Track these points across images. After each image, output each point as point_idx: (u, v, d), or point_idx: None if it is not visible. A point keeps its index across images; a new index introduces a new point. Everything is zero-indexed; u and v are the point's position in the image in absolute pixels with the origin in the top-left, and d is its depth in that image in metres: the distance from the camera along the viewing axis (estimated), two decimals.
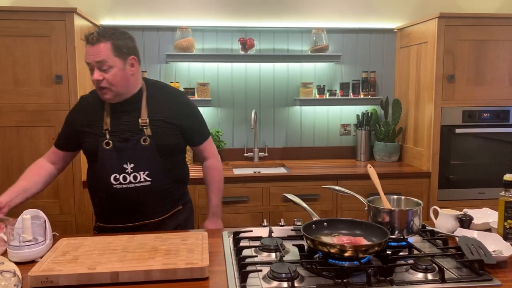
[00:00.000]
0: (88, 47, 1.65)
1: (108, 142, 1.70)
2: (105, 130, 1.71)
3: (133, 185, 1.70)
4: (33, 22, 2.54)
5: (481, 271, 1.26)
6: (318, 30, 3.24)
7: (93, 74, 1.66)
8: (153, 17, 3.20)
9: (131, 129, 1.72)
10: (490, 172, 2.95)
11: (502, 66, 2.91)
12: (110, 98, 1.71)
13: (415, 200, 1.57)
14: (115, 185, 1.69)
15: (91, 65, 1.66)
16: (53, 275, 1.20)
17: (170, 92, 1.86)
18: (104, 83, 1.66)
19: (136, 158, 1.70)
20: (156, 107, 1.76)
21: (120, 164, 1.69)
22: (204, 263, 1.28)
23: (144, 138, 1.71)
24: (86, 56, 1.66)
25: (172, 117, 1.77)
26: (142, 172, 1.70)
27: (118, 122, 1.73)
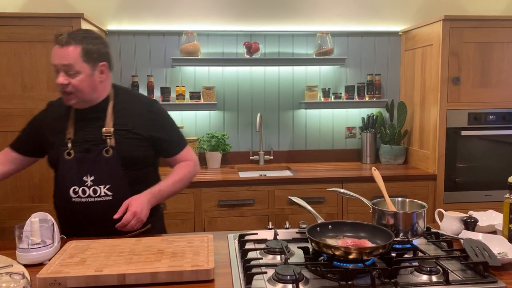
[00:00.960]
0: (57, 48, 1.56)
1: (70, 153, 1.61)
2: (68, 139, 1.63)
3: (92, 199, 1.61)
4: (41, 28, 2.58)
5: (485, 273, 1.26)
6: (323, 34, 3.26)
7: (58, 77, 1.57)
8: (159, 21, 3.23)
9: (94, 139, 1.63)
10: (497, 174, 2.94)
11: (507, 68, 2.91)
12: (74, 104, 1.63)
13: (420, 203, 1.58)
14: (74, 199, 1.61)
15: (57, 67, 1.57)
16: (61, 277, 1.22)
17: (140, 101, 1.75)
18: (69, 88, 1.57)
19: (97, 171, 1.60)
20: (123, 117, 1.67)
21: (80, 177, 1.60)
22: (209, 265, 1.29)
23: (106, 149, 1.61)
24: (53, 57, 1.57)
25: (140, 127, 1.67)
26: (102, 186, 1.61)
27: (82, 131, 1.65)
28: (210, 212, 2.81)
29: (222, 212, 2.81)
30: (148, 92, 3.16)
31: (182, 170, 1.76)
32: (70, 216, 1.66)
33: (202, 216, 2.80)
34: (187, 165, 1.78)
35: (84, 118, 1.66)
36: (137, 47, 3.23)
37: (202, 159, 3.26)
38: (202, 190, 2.78)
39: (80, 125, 1.66)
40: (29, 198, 2.67)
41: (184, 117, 3.31)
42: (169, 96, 3.17)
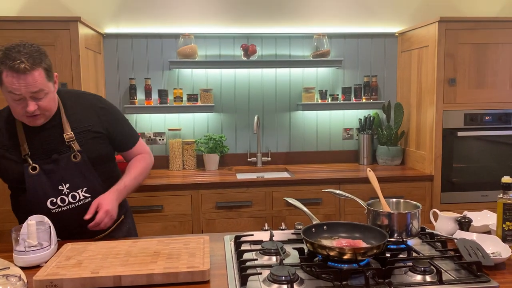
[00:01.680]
0: (15, 75, 1.44)
1: (34, 167, 1.57)
2: (24, 155, 1.57)
3: (74, 205, 1.62)
4: (38, 31, 2.59)
5: (479, 272, 1.27)
6: (319, 35, 3.27)
7: (24, 105, 1.49)
8: (156, 24, 3.24)
9: (57, 148, 1.60)
10: (493, 175, 2.95)
11: (503, 69, 2.92)
12: (42, 123, 1.58)
13: (414, 203, 1.59)
14: (54, 210, 1.59)
15: (22, 96, 1.47)
16: (58, 279, 1.23)
17: (88, 99, 1.73)
18: (38, 111, 1.52)
19: (71, 177, 1.60)
20: (78, 118, 1.65)
21: (55, 187, 1.59)
22: (205, 266, 1.30)
23: (74, 155, 1.61)
24: (15, 87, 1.44)
25: (97, 125, 1.67)
26: (80, 190, 1.62)
27: (38, 143, 1.60)
28: (208, 214, 2.82)
29: (220, 214, 2.82)
30: (146, 95, 3.17)
31: (141, 163, 1.79)
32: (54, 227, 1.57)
33: (200, 218, 2.81)
34: (143, 158, 1.82)
35: (36, 130, 1.60)
36: (134, 50, 3.24)
37: (199, 161, 3.27)
38: (200, 192, 2.79)
39: (34, 137, 1.60)
40: None
41: (181, 120, 3.33)
42: (166, 98, 3.18)
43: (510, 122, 2.96)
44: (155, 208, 2.76)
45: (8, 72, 1.45)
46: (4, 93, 1.51)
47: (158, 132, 3.32)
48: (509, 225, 1.51)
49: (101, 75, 3.15)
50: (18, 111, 1.52)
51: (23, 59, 1.44)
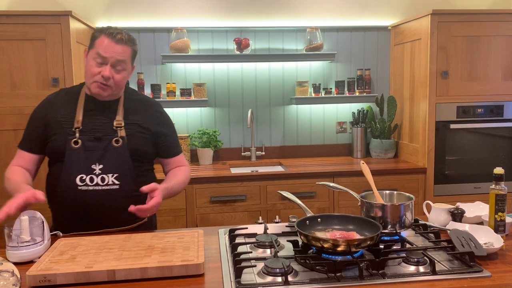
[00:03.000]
0: (110, 41, 1.61)
1: (77, 141, 1.63)
2: (75, 128, 1.65)
3: (100, 188, 1.62)
4: (29, 25, 2.56)
5: (471, 263, 1.29)
6: (312, 29, 3.27)
7: (104, 69, 1.62)
8: (149, 18, 3.22)
9: (104, 129, 1.67)
10: (485, 167, 2.98)
11: (494, 61, 2.94)
12: (105, 96, 1.68)
13: (407, 195, 1.59)
14: (80, 187, 1.61)
15: (106, 60, 1.62)
16: (51, 274, 1.22)
17: (149, 100, 1.84)
18: (110, 82, 1.64)
19: (106, 159, 1.63)
20: (133, 111, 1.73)
21: (88, 165, 1.62)
22: (199, 260, 1.30)
23: (116, 139, 1.66)
24: (105, 49, 1.61)
25: (148, 123, 1.74)
26: (110, 175, 1.63)
27: (91, 121, 1.68)
28: (202, 208, 2.81)
29: (214, 208, 2.82)
30: (139, 90, 3.15)
31: (184, 173, 1.82)
32: (73, 206, 1.64)
33: (194, 212, 2.81)
34: (185, 170, 1.85)
35: (94, 109, 1.70)
36: None
37: (193, 156, 3.26)
38: (194, 186, 2.78)
39: (89, 115, 1.68)
40: None
41: (175, 114, 3.31)
42: (159, 93, 3.16)
43: (502, 114, 2.98)
44: None
45: (104, 37, 1.62)
46: (88, 59, 1.65)
47: None
48: (501, 216, 1.52)
49: None
50: (94, 73, 1.63)
51: (123, 33, 1.64)
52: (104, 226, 1.66)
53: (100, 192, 1.63)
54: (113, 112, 1.71)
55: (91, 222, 1.66)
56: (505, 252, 1.40)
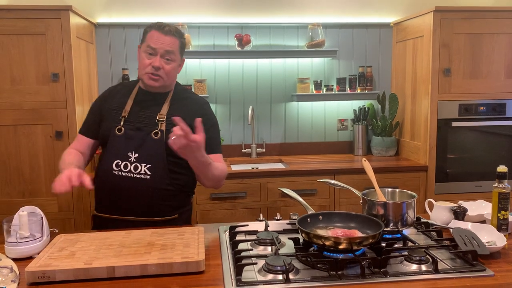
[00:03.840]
0: (159, 34, 1.72)
1: (120, 129, 1.74)
2: (122, 117, 1.76)
3: (132, 175, 1.69)
4: (29, 20, 2.55)
5: (474, 261, 1.28)
6: (314, 25, 3.25)
7: (154, 60, 1.72)
8: (149, 14, 3.20)
9: (147, 121, 1.75)
10: (487, 165, 2.96)
11: (497, 59, 2.92)
12: (156, 87, 1.77)
13: (410, 193, 1.58)
14: (115, 171, 1.70)
15: (156, 51, 1.72)
16: (50, 270, 1.21)
17: (195, 99, 1.90)
18: (161, 72, 1.73)
19: (142, 149, 1.71)
20: (177, 108, 1.79)
21: (125, 152, 1.71)
22: (200, 257, 1.29)
23: (155, 132, 1.73)
24: (155, 41, 1.71)
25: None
26: (143, 164, 1.70)
27: (137, 111, 1.77)
28: (202, 205, 2.80)
29: (214, 205, 2.80)
30: None
31: (222, 166, 1.78)
32: (108, 189, 1.73)
33: (194, 209, 2.79)
34: (223, 166, 1.79)
35: (143, 101, 1.80)
36: (127, 39, 3.20)
37: None
38: None
39: (137, 106, 1.79)
40: (19, 193, 2.64)
41: None
42: None
43: (504, 113, 2.97)
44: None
45: (154, 31, 1.73)
46: (140, 52, 1.77)
47: None
48: (504, 214, 1.51)
49: (93, 65, 3.11)
50: (146, 65, 1.73)
51: (171, 26, 1.75)
52: (132, 214, 1.72)
53: (132, 179, 1.69)
54: (159, 106, 1.79)
55: (122, 207, 1.72)
56: (508, 251, 1.39)
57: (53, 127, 2.62)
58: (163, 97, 1.81)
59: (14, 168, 2.63)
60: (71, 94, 2.62)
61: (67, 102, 2.62)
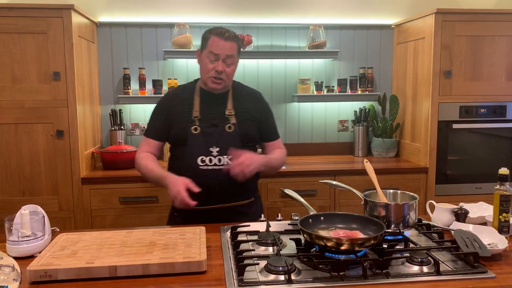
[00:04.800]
0: (220, 40, 1.85)
1: (197, 128, 1.88)
2: (194, 117, 1.90)
3: (218, 167, 1.85)
4: (31, 19, 2.54)
5: (476, 263, 1.28)
6: (315, 26, 3.25)
7: (217, 64, 1.86)
8: (151, 13, 3.20)
9: (219, 117, 1.92)
10: (487, 167, 2.97)
11: (498, 61, 2.92)
12: (219, 89, 1.91)
13: (411, 194, 1.58)
14: (201, 166, 1.85)
15: (218, 56, 1.85)
16: (52, 269, 1.21)
17: (251, 90, 2.09)
18: (223, 75, 1.87)
19: (222, 143, 1.87)
20: (241, 101, 1.98)
21: (207, 147, 1.86)
22: (202, 257, 1.29)
23: (229, 126, 1.90)
24: (216, 47, 1.85)
25: (253, 110, 1.98)
26: (225, 156, 1.86)
27: (205, 111, 1.92)
28: None
29: None
30: (140, 85, 3.13)
31: (280, 153, 2.06)
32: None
33: None
34: (282, 151, 2.08)
35: (209, 100, 1.95)
36: (128, 39, 3.20)
37: None
38: None
39: (204, 106, 1.94)
40: (19, 192, 2.64)
41: None
42: (161, 88, 3.14)
43: (505, 115, 2.97)
44: (149, 199, 2.74)
45: (215, 38, 1.86)
46: (202, 58, 1.91)
47: None
48: (506, 217, 1.51)
49: (94, 64, 3.11)
50: (209, 69, 1.87)
51: (231, 31, 1.89)
52: (218, 202, 1.88)
53: (218, 171, 1.85)
54: (223, 102, 1.95)
55: (209, 197, 1.84)
56: (509, 253, 1.39)
57: (54, 126, 2.62)
58: (225, 94, 1.97)
59: (15, 166, 2.63)
60: (72, 93, 2.62)
61: (68, 101, 2.62)
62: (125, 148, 2.95)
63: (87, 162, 2.82)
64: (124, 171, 2.84)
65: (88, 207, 2.70)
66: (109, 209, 2.72)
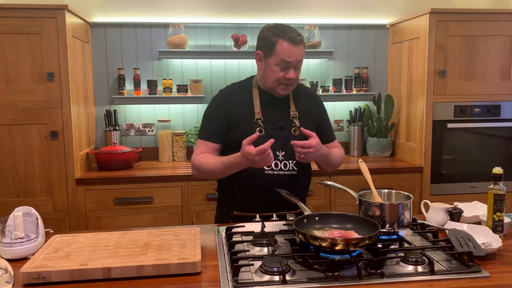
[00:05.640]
0: (292, 46, 1.71)
1: (261, 130, 1.77)
2: (257, 119, 1.79)
3: (283, 173, 1.78)
4: (24, 19, 2.53)
5: (470, 263, 1.28)
6: (310, 26, 3.25)
7: (289, 72, 1.74)
8: (146, 14, 3.19)
9: (283, 119, 1.82)
10: (482, 167, 2.98)
11: (492, 61, 2.94)
12: (288, 93, 1.83)
13: (406, 194, 1.59)
14: (267, 171, 1.76)
15: (291, 64, 1.73)
16: (45, 271, 1.20)
17: (307, 89, 2.02)
18: (293, 81, 1.77)
19: (287, 147, 1.76)
20: (301, 102, 1.88)
21: (274, 151, 1.71)
22: (196, 258, 1.29)
23: (294, 129, 1.81)
24: (288, 55, 1.71)
25: (313, 111, 1.91)
26: (291, 161, 1.78)
27: (268, 112, 1.82)
28: (198, 205, 2.80)
29: (210, 206, 2.80)
30: (135, 85, 3.13)
31: (341, 152, 2.00)
32: (261, 187, 1.77)
33: (190, 209, 2.79)
34: (341, 151, 2.02)
35: (270, 102, 1.84)
36: (123, 39, 3.19)
37: (189, 153, 3.24)
38: (190, 183, 2.76)
39: (266, 107, 1.83)
40: (13, 193, 2.63)
41: (171, 111, 3.29)
42: (156, 89, 3.14)
43: (499, 114, 2.98)
44: (144, 200, 2.73)
45: (285, 44, 1.71)
46: (268, 64, 1.76)
47: (147, 123, 3.28)
48: (500, 216, 1.51)
49: (89, 65, 3.09)
50: (280, 78, 1.75)
51: (298, 32, 1.74)
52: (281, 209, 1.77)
53: (283, 177, 1.78)
54: (285, 103, 1.86)
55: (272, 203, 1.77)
56: (503, 253, 1.40)
57: (48, 127, 2.61)
58: (287, 95, 1.86)
59: (9, 168, 2.61)
60: (66, 94, 2.60)
61: (62, 101, 2.60)
62: (120, 148, 2.94)
63: (81, 163, 2.81)
64: (119, 172, 2.83)
65: (83, 208, 2.69)
66: (104, 210, 2.71)
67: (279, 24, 1.77)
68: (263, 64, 1.80)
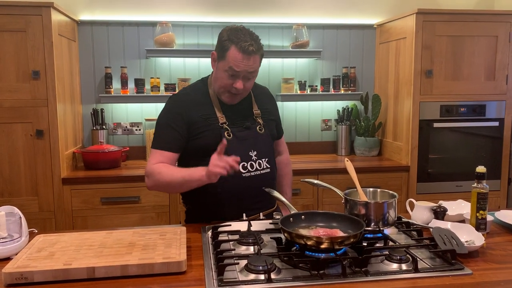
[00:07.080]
0: (242, 56, 1.62)
1: (230, 133, 1.72)
2: (222, 123, 1.73)
3: (259, 172, 1.75)
4: (9, 16, 2.50)
5: (453, 260, 1.29)
6: (298, 26, 3.26)
7: (236, 82, 1.67)
8: (133, 12, 3.17)
9: (248, 119, 1.79)
10: (467, 166, 3.01)
11: (478, 61, 2.97)
12: (236, 101, 1.76)
13: (391, 193, 1.60)
14: (244, 173, 1.71)
15: (239, 74, 1.65)
16: (28, 271, 1.19)
17: (263, 88, 1.99)
18: (241, 91, 1.70)
19: (258, 146, 1.76)
20: (260, 100, 1.87)
21: (246, 152, 1.72)
22: (181, 257, 1.28)
23: (259, 127, 1.80)
24: (237, 64, 1.63)
25: (271, 108, 1.92)
26: (264, 159, 1.77)
27: (231, 114, 1.76)
28: None
29: None
30: (122, 84, 3.10)
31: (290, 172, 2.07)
32: (238, 192, 1.71)
33: (177, 209, 2.78)
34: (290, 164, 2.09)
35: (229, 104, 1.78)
36: (110, 38, 3.17)
37: None
38: None
39: (229, 110, 1.76)
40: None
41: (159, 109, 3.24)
42: (143, 88, 3.12)
43: (484, 114, 3.02)
44: (131, 200, 2.71)
45: (236, 52, 1.62)
46: (218, 68, 1.69)
47: (135, 122, 3.26)
48: (483, 214, 1.53)
49: (75, 63, 3.07)
50: (226, 85, 1.69)
51: (252, 42, 1.63)
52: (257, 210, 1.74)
53: (259, 177, 1.75)
54: (247, 103, 1.83)
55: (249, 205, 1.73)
56: (486, 250, 1.42)
57: (34, 126, 2.58)
58: (249, 94, 1.83)
59: None
60: (52, 92, 2.58)
61: (48, 100, 2.58)
62: (107, 148, 2.92)
63: (68, 162, 2.78)
64: (106, 171, 2.81)
65: (69, 208, 2.66)
66: (90, 209, 2.69)
67: (239, 29, 1.66)
68: (215, 66, 1.73)
